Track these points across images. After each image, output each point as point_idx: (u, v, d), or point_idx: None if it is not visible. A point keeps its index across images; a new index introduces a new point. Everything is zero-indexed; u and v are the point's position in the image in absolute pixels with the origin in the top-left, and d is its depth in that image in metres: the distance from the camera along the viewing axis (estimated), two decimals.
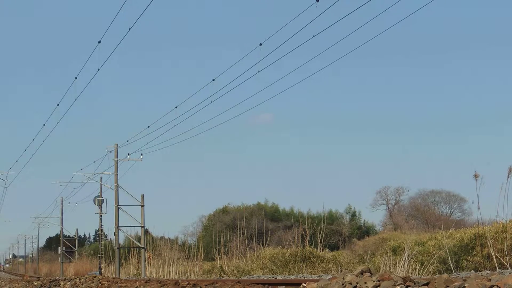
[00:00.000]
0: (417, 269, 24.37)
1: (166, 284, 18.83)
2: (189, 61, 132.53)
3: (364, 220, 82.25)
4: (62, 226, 75.75)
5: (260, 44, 21.35)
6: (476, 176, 19.71)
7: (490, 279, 8.44)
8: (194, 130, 64.01)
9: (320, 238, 33.11)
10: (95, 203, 55.09)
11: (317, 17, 17.92)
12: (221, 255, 37.49)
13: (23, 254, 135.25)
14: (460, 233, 30.11)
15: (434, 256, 26.19)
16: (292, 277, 22.73)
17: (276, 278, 21.09)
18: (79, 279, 28.46)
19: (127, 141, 41.74)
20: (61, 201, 71.63)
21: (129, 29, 21.40)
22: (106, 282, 23.51)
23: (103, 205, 54.90)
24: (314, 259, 31.08)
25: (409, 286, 9.39)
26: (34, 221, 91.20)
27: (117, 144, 42.52)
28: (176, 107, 30.76)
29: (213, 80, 26.20)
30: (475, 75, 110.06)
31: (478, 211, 20.49)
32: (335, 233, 70.21)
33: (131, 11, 20.98)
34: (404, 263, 23.61)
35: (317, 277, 20.58)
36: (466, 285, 8.46)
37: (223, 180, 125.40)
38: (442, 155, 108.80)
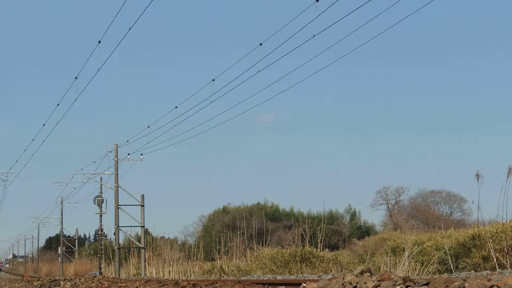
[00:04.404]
0: (417, 269, 24.37)
1: (166, 284, 18.82)
2: (189, 61, 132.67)
3: (364, 220, 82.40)
4: (62, 226, 75.81)
5: (260, 44, 21.35)
6: (477, 176, 19.69)
7: (490, 279, 8.44)
8: (194, 130, 63.99)
9: (320, 238, 33.10)
10: (95, 203, 55.10)
11: (317, 17, 17.92)
12: (221, 255, 37.49)
13: (23, 254, 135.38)
14: (459, 233, 30.10)
15: (433, 256, 26.18)
16: (292, 277, 22.73)
17: (276, 278, 21.08)
18: (79, 279, 28.47)
19: (127, 141, 41.79)
20: (61, 201, 71.71)
21: (129, 29, 21.40)
22: (106, 282, 23.52)
23: (103, 205, 54.91)
24: (314, 259, 31.07)
25: (409, 286, 9.39)
26: (34, 221, 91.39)
27: (117, 144, 42.55)
28: (176, 107, 30.79)
29: (213, 80, 26.22)
30: (475, 75, 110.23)
31: (478, 211, 20.49)
32: (335, 233, 70.22)
33: (131, 11, 20.97)
34: (404, 263, 23.61)
35: (317, 277, 20.57)
36: (466, 285, 8.46)
37: (223, 180, 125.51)
38: (442, 155, 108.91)
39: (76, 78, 28.24)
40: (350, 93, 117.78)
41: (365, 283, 10.07)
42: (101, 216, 55.49)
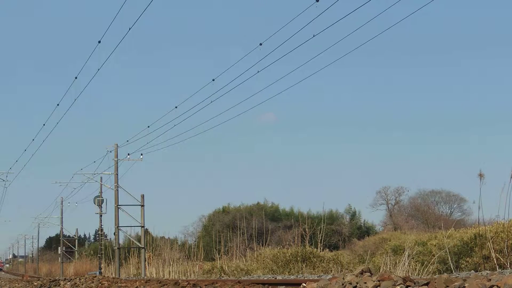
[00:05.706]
0: (417, 269, 24.36)
1: (166, 284, 18.83)
2: (189, 61, 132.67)
3: (364, 220, 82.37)
4: (62, 226, 75.82)
5: (260, 44, 21.38)
6: (480, 175, 19.62)
7: (490, 279, 8.44)
8: (194, 130, 64.01)
9: (320, 238, 33.09)
10: (95, 203, 55.10)
11: (317, 17, 17.95)
12: (221, 255, 37.47)
13: (23, 254, 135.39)
14: (460, 233, 30.11)
15: (435, 256, 26.18)
16: (292, 277, 22.71)
17: (276, 278, 21.07)
18: (79, 279, 28.49)
19: (127, 141, 41.81)
20: (61, 201, 71.73)
21: (129, 29, 21.45)
22: (106, 282, 23.53)
23: (103, 205, 54.91)
24: (315, 259, 31.07)
25: (409, 286, 9.39)
26: (34, 221, 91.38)
27: (117, 144, 42.55)
28: (176, 107, 30.85)
29: (213, 80, 26.26)
30: (475, 74, 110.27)
31: (479, 210, 20.45)
32: (335, 233, 70.22)
33: (131, 11, 21.00)
34: (404, 263, 23.60)
35: (317, 277, 20.56)
36: (466, 285, 8.46)
37: (223, 180, 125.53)
38: (442, 155, 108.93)
39: (76, 78, 28.32)
40: (350, 93, 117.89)
41: (365, 283, 10.07)
42: (101, 216, 55.49)
